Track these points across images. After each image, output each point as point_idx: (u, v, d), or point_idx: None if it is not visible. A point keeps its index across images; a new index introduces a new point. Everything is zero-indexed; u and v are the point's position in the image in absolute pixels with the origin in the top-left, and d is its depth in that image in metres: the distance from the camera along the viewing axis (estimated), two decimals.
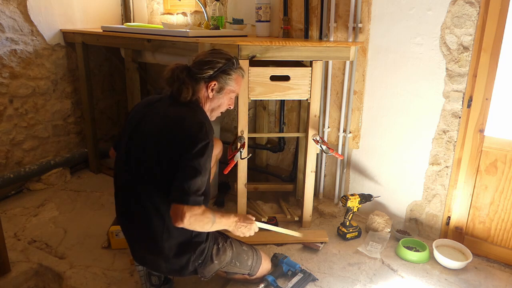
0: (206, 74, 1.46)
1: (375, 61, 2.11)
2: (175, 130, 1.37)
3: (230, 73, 1.50)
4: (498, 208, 1.91)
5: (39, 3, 2.52)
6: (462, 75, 1.86)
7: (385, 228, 2.14)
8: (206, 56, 1.49)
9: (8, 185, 2.47)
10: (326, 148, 2.01)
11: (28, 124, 2.59)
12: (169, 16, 3.04)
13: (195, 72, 1.46)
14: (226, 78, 1.49)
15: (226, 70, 1.49)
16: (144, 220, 1.43)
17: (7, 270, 1.80)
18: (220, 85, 1.49)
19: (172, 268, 1.48)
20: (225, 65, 1.48)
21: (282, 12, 2.33)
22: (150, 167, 1.38)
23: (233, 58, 1.52)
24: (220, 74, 1.48)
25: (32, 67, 2.55)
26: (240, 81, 1.57)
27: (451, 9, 1.82)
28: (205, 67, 1.46)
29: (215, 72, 1.47)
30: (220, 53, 1.52)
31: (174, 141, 1.35)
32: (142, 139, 1.43)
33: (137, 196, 1.43)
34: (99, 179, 2.83)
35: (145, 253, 1.49)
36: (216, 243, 1.56)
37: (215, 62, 1.47)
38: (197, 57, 1.52)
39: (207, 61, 1.47)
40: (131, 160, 1.44)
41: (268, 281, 1.68)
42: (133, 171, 1.43)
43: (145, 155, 1.40)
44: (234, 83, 1.53)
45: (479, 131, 1.88)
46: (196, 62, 1.49)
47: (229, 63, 1.49)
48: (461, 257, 1.93)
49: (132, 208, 1.45)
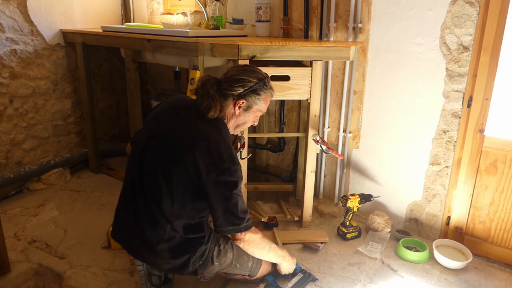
0: (236, 92, 1.45)
1: (375, 61, 2.11)
2: (202, 154, 1.36)
3: (260, 93, 1.49)
4: (498, 208, 1.91)
5: (39, 3, 2.52)
6: (462, 75, 1.86)
7: (385, 228, 2.14)
8: (239, 73, 1.47)
9: (8, 185, 2.47)
10: (326, 148, 2.01)
11: (28, 124, 2.59)
12: (169, 16, 3.04)
13: (225, 88, 1.45)
14: (255, 98, 1.48)
15: (257, 90, 1.47)
16: (146, 221, 1.43)
17: (7, 270, 1.80)
18: (248, 104, 1.48)
19: (171, 267, 1.48)
20: (256, 85, 1.46)
21: (282, 12, 2.33)
22: (162, 174, 1.39)
23: (265, 78, 1.50)
24: (250, 93, 1.46)
25: (32, 67, 2.55)
26: (269, 100, 1.57)
27: (451, 9, 1.82)
28: (236, 84, 1.45)
29: (245, 90, 1.45)
30: (252, 72, 1.49)
31: (199, 164, 1.35)
32: (162, 145, 1.43)
33: (143, 196, 1.43)
34: (99, 179, 2.83)
35: (144, 252, 1.49)
36: (218, 244, 1.56)
37: (247, 81, 1.45)
38: (229, 71, 1.51)
39: (239, 79, 1.45)
40: (145, 162, 1.44)
41: (268, 281, 1.68)
42: (144, 173, 1.44)
43: (160, 161, 1.41)
44: (263, 103, 1.53)
45: (479, 131, 1.88)
46: (227, 77, 1.47)
47: (261, 83, 1.48)
48: (461, 257, 1.93)
49: (137, 206, 1.45)
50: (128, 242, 1.53)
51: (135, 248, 1.51)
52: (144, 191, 1.43)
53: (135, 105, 2.52)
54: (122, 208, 1.54)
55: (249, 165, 2.15)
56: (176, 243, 1.44)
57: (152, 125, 1.52)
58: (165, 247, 1.43)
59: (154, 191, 1.41)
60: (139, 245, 1.48)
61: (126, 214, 1.52)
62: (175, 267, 1.48)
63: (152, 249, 1.44)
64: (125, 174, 1.54)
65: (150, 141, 1.45)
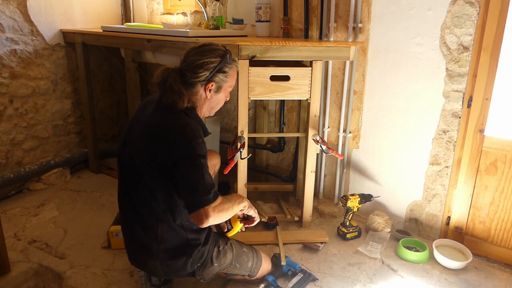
0: (202, 77, 1.39)
1: (375, 61, 2.11)
2: (162, 139, 1.34)
3: (226, 71, 1.43)
4: (498, 208, 1.91)
5: (39, 3, 2.52)
6: (462, 75, 1.86)
7: (385, 228, 2.14)
8: (199, 57, 1.39)
9: (8, 185, 2.47)
10: (326, 148, 2.01)
11: (28, 124, 2.59)
12: (169, 16, 3.04)
13: (190, 77, 1.38)
14: (223, 76, 1.43)
15: (222, 68, 1.42)
16: (138, 225, 1.43)
17: (7, 270, 1.80)
18: (218, 85, 1.44)
19: (169, 271, 1.48)
20: (220, 63, 1.40)
21: (282, 12, 2.33)
22: (141, 174, 1.39)
23: (226, 53, 1.43)
24: (216, 73, 1.41)
25: (32, 67, 2.55)
26: (235, 74, 1.52)
27: (451, 9, 1.82)
28: (199, 70, 1.38)
29: (210, 73, 1.39)
30: (212, 51, 1.42)
31: (163, 149, 1.33)
32: (131, 146, 1.44)
33: (131, 201, 1.45)
34: (99, 179, 2.83)
35: (143, 258, 1.49)
36: (217, 245, 1.56)
37: (209, 63, 1.39)
38: (187, 56, 1.42)
39: (201, 64, 1.38)
40: (123, 166, 1.46)
41: (268, 281, 1.68)
42: (126, 177, 1.46)
43: (133, 162, 1.41)
44: (231, 79, 1.48)
45: (479, 131, 1.88)
46: (188, 64, 1.40)
47: (224, 60, 1.41)
48: (461, 257, 1.93)
49: (128, 213, 1.47)
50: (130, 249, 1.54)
51: (135, 255, 1.52)
52: (131, 197, 1.45)
53: (135, 105, 2.52)
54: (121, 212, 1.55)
55: (249, 165, 2.15)
56: (172, 245, 1.44)
57: (125, 130, 1.52)
58: (161, 248, 1.43)
59: (138, 196, 1.42)
60: (139, 249, 1.48)
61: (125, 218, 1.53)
62: (172, 271, 1.48)
63: (149, 250, 1.44)
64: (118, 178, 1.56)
65: (123, 148, 1.47)
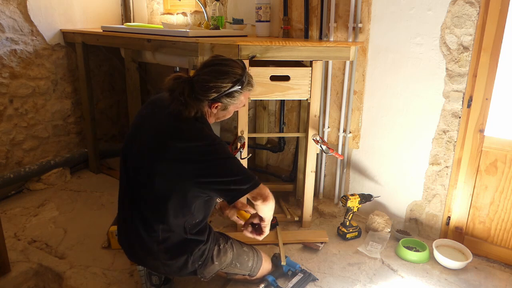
0: (210, 97, 1.38)
1: (375, 61, 2.11)
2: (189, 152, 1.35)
3: (235, 96, 1.42)
4: (498, 208, 1.91)
5: (39, 3, 2.52)
6: (462, 75, 1.86)
7: (385, 228, 2.14)
8: (211, 79, 1.37)
9: (8, 185, 2.47)
10: (326, 148, 2.01)
11: (28, 124, 2.59)
12: (169, 16, 3.04)
13: (198, 93, 1.37)
14: (231, 99, 1.42)
15: (232, 93, 1.40)
16: (141, 228, 1.43)
17: (7, 270, 1.80)
18: (224, 105, 1.44)
19: (170, 269, 1.48)
20: (230, 89, 1.38)
21: (282, 12, 2.33)
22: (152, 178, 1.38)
23: (241, 77, 1.40)
24: (225, 96, 1.40)
25: (32, 67, 2.55)
26: (248, 94, 1.51)
27: (451, 9, 1.82)
28: (209, 91, 1.37)
29: (219, 95, 1.38)
30: (226, 73, 1.39)
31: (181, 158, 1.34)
32: (140, 147, 1.43)
33: (135, 203, 1.45)
34: (99, 179, 2.83)
35: (143, 255, 1.49)
36: (218, 244, 1.56)
37: (220, 87, 1.37)
38: (201, 70, 1.41)
39: (212, 86, 1.37)
40: (129, 168, 1.46)
41: (268, 281, 1.68)
42: (129, 176, 1.45)
43: (141, 163, 1.41)
44: (239, 102, 1.47)
45: (479, 131, 1.88)
46: (200, 81, 1.38)
47: (236, 86, 1.39)
48: (461, 257, 1.93)
49: (130, 214, 1.47)
50: (129, 248, 1.55)
51: (136, 252, 1.52)
52: (133, 197, 1.44)
53: (135, 105, 2.52)
54: (121, 212, 1.55)
55: (249, 165, 2.15)
56: (172, 244, 1.44)
57: (133, 128, 1.51)
58: (161, 248, 1.43)
59: (140, 196, 1.42)
60: (139, 249, 1.49)
61: (124, 218, 1.53)
62: (173, 270, 1.48)
63: (149, 250, 1.44)
64: (119, 179, 1.55)
65: (128, 148, 1.47)
